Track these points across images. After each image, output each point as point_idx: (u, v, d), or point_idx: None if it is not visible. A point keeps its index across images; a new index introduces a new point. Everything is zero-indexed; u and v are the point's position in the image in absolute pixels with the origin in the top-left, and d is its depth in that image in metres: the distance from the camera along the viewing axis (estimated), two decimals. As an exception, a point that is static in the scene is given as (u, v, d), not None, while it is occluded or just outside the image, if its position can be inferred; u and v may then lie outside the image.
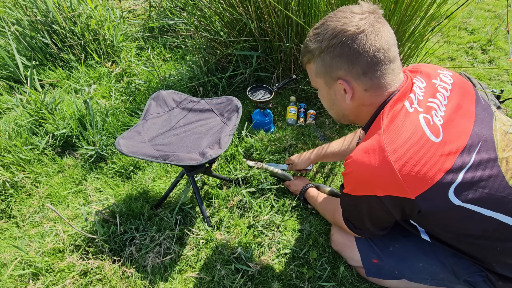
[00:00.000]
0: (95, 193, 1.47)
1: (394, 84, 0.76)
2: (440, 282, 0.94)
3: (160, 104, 1.30)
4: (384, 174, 0.69)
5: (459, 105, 0.75)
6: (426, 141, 0.69)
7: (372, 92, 0.76)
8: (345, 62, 0.73)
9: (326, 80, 0.80)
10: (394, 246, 0.97)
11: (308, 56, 0.80)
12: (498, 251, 0.76)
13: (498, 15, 2.78)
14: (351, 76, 0.75)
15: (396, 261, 0.97)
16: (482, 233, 0.74)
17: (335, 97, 0.82)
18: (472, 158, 0.69)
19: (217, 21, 1.81)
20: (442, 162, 0.68)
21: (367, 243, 1.02)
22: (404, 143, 0.69)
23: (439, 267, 0.91)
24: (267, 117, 1.65)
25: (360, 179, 0.75)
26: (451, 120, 0.72)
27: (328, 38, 0.73)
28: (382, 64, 0.73)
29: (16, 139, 1.60)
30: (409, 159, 0.68)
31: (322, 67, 0.78)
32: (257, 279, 1.11)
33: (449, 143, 0.69)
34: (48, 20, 2.12)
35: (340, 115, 0.88)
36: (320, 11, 1.46)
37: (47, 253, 1.20)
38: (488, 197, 0.69)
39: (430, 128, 0.70)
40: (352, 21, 0.71)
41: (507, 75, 2.14)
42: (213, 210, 1.33)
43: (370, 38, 0.70)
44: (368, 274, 1.05)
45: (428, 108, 0.73)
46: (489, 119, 0.76)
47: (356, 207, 0.85)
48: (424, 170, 0.67)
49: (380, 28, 0.72)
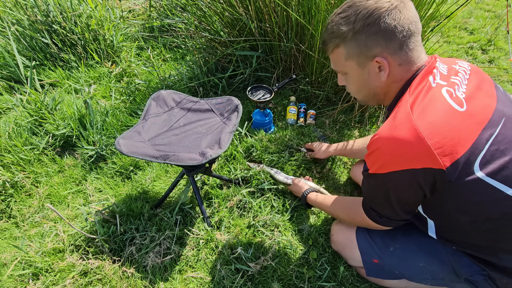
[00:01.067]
0: (95, 193, 1.47)
1: (422, 58, 0.78)
2: (441, 281, 0.94)
3: (160, 104, 1.30)
4: (413, 144, 0.68)
5: (479, 86, 0.77)
6: (451, 111, 0.69)
7: (405, 66, 0.78)
8: (381, 38, 0.74)
9: (360, 60, 0.80)
10: (394, 246, 0.97)
11: (336, 41, 0.80)
12: (510, 238, 0.74)
13: (498, 15, 2.78)
14: (388, 52, 0.76)
15: (396, 261, 0.96)
16: (502, 216, 0.72)
17: (368, 77, 0.82)
18: (497, 131, 0.69)
19: (217, 21, 1.81)
20: (469, 131, 0.68)
21: (367, 243, 1.01)
22: (430, 111, 0.69)
23: (439, 267, 0.91)
24: (267, 117, 1.65)
25: (388, 153, 0.72)
26: (474, 96, 0.73)
27: (362, 18, 0.74)
28: (415, 36, 0.75)
29: (16, 139, 1.60)
30: (437, 128, 0.67)
31: (356, 48, 0.78)
32: (257, 279, 1.11)
33: (474, 114, 0.70)
34: (48, 20, 2.12)
35: (370, 95, 0.88)
36: (320, 10, 1.46)
37: (47, 253, 1.20)
38: (510, 174, 0.69)
39: (453, 99, 0.71)
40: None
41: (507, 75, 2.14)
42: (213, 210, 1.33)
43: (403, 12, 0.73)
44: (369, 274, 1.05)
45: (452, 83, 0.74)
46: (510, 101, 0.77)
47: (383, 188, 0.79)
48: (453, 138, 0.67)
49: (408, 3, 0.74)
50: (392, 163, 0.72)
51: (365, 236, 1.02)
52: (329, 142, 1.61)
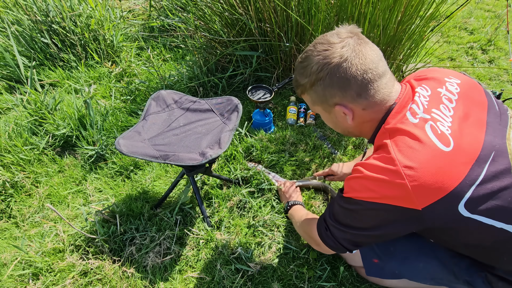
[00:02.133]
0: (95, 193, 1.47)
1: (391, 97, 0.76)
2: (440, 281, 0.94)
3: (160, 104, 1.30)
4: (395, 184, 0.66)
5: (467, 115, 0.73)
6: (435, 151, 0.66)
7: (370, 109, 0.77)
8: (337, 89, 0.75)
9: (323, 107, 0.82)
10: (394, 246, 0.98)
11: (301, 88, 0.83)
12: (504, 260, 0.75)
13: (498, 15, 2.78)
14: (346, 100, 0.76)
15: (396, 261, 0.97)
16: (493, 244, 0.71)
17: (336, 120, 0.84)
18: (485, 170, 0.66)
19: (217, 21, 1.81)
20: (456, 173, 0.65)
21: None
22: (414, 154, 0.66)
23: (439, 268, 0.91)
24: (267, 117, 1.65)
25: (368, 184, 0.71)
26: (461, 129, 0.69)
27: (315, 72, 0.75)
28: (374, 82, 0.73)
29: (16, 139, 1.60)
30: (419, 170, 0.65)
31: (316, 97, 0.80)
32: (257, 279, 1.11)
33: (461, 153, 0.66)
34: (48, 20, 2.12)
35: (346, 132, 0.90)
36: (320, 10, 1.46)
37: (47, 253, 1.20)
38: (500, 209, 0.66)
39: (438, 137, 0.67)
40: (334, 52, 0.73)
41: (507, 75, 2.14)
42: (213, 210, 1.33)
43: (355, 63, 0.72)
44: (368, 274, 1.05)
45: (434, 118, 0.70)
46: (503, 127, 0.73)
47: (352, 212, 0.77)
48: (437, 181, 0.64)
49: (362, 50, 0.73)
50: (371, 194, 0.71)
51: None
52: (330, 143, 1.61)
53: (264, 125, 1.66)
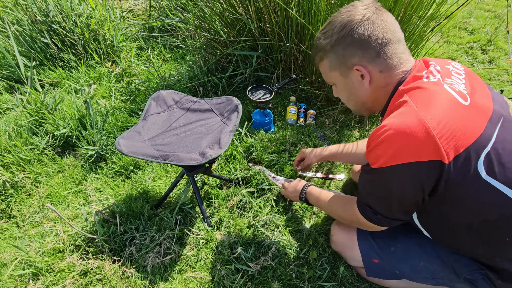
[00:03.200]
0: (95, 193, 1.47)
1: (407, 63, 0.79)
2: (440, 281, 0.94)
3: (160, 104, 1.30)
4: (420, 134, 0.66)
5: (474, 88, 0.76)
6: (456, 103, 0.69)
7: (387, 72, 0.79)
8: (357, 48, 0.77)
9: (341, 70, 0.83)
10: (395, 246, 0.97)
11: (320, 54, 0.84)
12: (506, 242, 0.74)
13: (498, 15, 2.78)
14: (365, 60, 0.78)
15: (397, 261, 0.97)
16: (499, 217, 0.71)
17: (352, 85, 0.84)
18: (497, 130, 0.69)
19: (217, 21, 1.81)
20: (475, 125, 0.67)
21: (368, 243, 1.01)
22: (433, 103, 0.68)
23: (440, 266, 0.91)
24: (267, 117, 1.65)
25: (396, 145, 0.69)
26: (473, 94, 0.73)
27: (337, 31, 0.78)
28: (392, 44, 0.77)
29: (16, 139, 1.60)
30: (442, 118, 0.66)
31: (335, 59, 0.82)
32: (257, 279, 1.11)
33: (477, 109, 0.69)
34: (48, 20, 2.12)
35: (359, 104, 0.89)
36: (320, 10, 1.46)
37: (47, 253, 1.21)
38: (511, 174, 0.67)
39: (457, 93, 0.71)
40: (357, 11, 0.77)
41: (507, 75, 2.14)
42: (213, 210, 1.33)
43: (376, 22, 0.75)
44: (369, 274, 1.05)
45: (449, 83, 0.74)
46: (505, 103, 0.78)
47: (386, 183, 0.76)
48: (459, 130, 0.66)
49: (383, 14, 0.77)
50: (399, 156, 0.69)
51: (365, 236, 1.02)
52: (330, 143, 1.61)
53: (264, 125, 1.66)
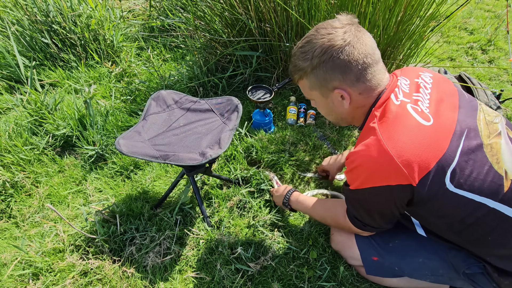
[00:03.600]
0: (95, 193, 1.47)
1: (382, 83, 0.83)
2: (440, 278, 0.94)
3: (160, 104, 1.30)
4: (384, 163, 0.72)
5: (441, 99, 0.81)
6: (418, 126, 0.73)
7: (366, 94, 0.82)
8: (338, 73, 0.79)
9: (321, 91, 0.86)
10: (394, 242, 0.98)
11: (299, 73, 0.85)
12: (489, 241, 0.78)
13: (498, 15, 2.78)
14: (346, 84, 0.81)
15: (396, 257, 0.97)
16: (476, 220, 0.75)
17: (332, 105, 0.88)
18: (461, 144, 0.73)
19: (217, 21, 1.81)
20: (437, 145, 0.72)
21: (367, 240, 1.02)
22: (397, 131, 0.73)
23: (438, 262, 0.91)
24: (267, 117, 1.65)
25: (364, 171, 0.77)
26: (437, 110, 0.77)
27: (318, 55, 0.79)
28: (372, 67, 0.79)
29: (16, 139, 1.60)
30: (405, 145, 0.71)
31: (316, 81, 0.83)
32: (257, 279, 1.11)
33: (440, 128, 0.74)
34: (48, 20, 2.12)
35: (338, 119, 0.94)
36: (320, 10, 1.46)
37: (47, 253, 1.21)
38: (479, 183, 0.72)
39: (419, 114, 0.75)
40: (337, 35, 0.77)
41: (507, 75, 2.14)
42: (213, 210, 1.33)
43: (356, 46, 0.77)
44: (368, 272, 1.05)
45: (414, 100, 0.78)
46: (473, 111, 0.81)
47: (364, 202, 0.85)
48: (422, 153, 0.71)
49: (362, 37, 0.78)
50: (370, 180, 0.78)
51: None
52: (330, 143, 1.61)
53: (264, 125, 1.66)
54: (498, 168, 0.74)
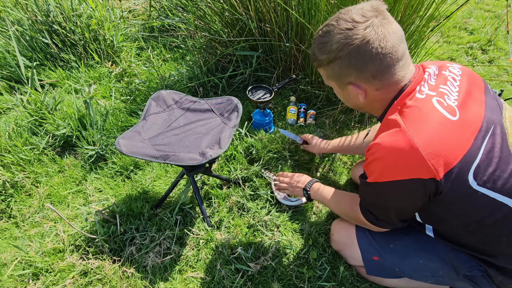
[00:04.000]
0: (95, 193, 1.47)
1: (406, 78, 0.78)
2: (441, 279, 0.94)
3: (160, 104, 1.30)
4: (409, 155, 0.69)
5: (469, 91, 0.77)
6: (444, 121, 0.70)
7: (384, 90, 0.79)
8: (353, 70, 0.76)
9: (338, 83, 0.84)
10: (395, 244, 0.98)
11: (317, 62, 0.84)
12: (503, 242, 0.76)
13: (498, 15, 2.78)
14: (361, 80, 0.78)
15: (396, 258, 0.97)
16: (494, 221, 0.73)
17: (348, 97, 0.87)
18: (486, 140, 0.71)
19: (217, 21, 1.81)
20: (462, 140, 0.69)
21: (367, 240, 1.02)
22: (423, 123, 0.70)
23: (439, 264, 0.91)
24: (267, 117, 1.65)
25: (386, 164, 0.74)
26: (464, 103, 0.74)
27: (334, 51, 0.75)
28: (391, 67, 0.75)
29: (16, 139, 1.60)
30: (432, 138, 0.68)
31: (332, 73, 0.82)
32: (257, 279, 1.11)
33: (466, 123, 0.71)
34: (48, 20, 2.12)
35: (357, 107, 0.92)
36: (320, 10, 1.46)
37: (47, 253, 1.21)
38: (502, 182, 0.70)
39: (445, 109, 0.72)
40: (357, 32, 0.72)
41: (507, 75, 2.14)
42: (213, 210, 1.33)
43: (376, 46, 0.71)
44: (369, 272, 1.05)
45: (441, 93, 0.75)
46: (499, 108, 0.78)
47: (381, 196, 0.82)
48: (447, 149, 0.68)
49: (385, 33, 0.72)
50: (391, 173, 0.74)
51: (365, 234, 1.03)
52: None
53: (264, 125, 1.66)
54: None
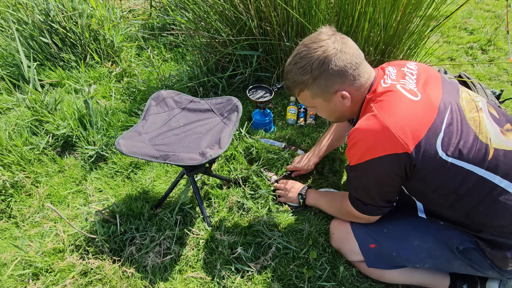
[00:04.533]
0: (95, 193, 1.47)
1: (371, 76, 0.95)
2: (438, 261, 0.96)
3: (160, 104, 1.30)
4: (382, 134, 0.81)
5: (426, 81, 0.91)
6: (408, 101, 0.84)
7: (361, 88, 0.93)
8: (337, 77, 0.90)
9: (324, 97, 0.95)
10: (388, 228, 1.02)
11: (300, 87, 0.94)
12: (480, 211, 0.83)
13: (498, 15, 2.78)
14: (345, 85, 0.91)
15: (392, 241, 1.00)
16: (467, 190, 0.82)
17: (335, 106, 0.97)
18: (447, 115, 0.83)
19: (217, 20, 1.81)
20: (426, 116, 0.81)
21: (362, 229, 1.06)
22: (390, 105, 0.84)
23: (434, 244, 0.95)
24: (267, 117, 1.65)
25: (363, 144, 0.86)
26: (424, 89, 0.88)
27: (317, 67, 0.88)
28: (361, 65, 0.91)
29: (16, 139, 1.60)
30: (399, 117, 0.81)
31: (318, 89, 0.93)
32: (257, 279, 1.11)
33: (427, 103, 0.84)
34: (48, 19, 2.12)
35: (340, 117, 1.04)
36: (321, 10, 1.46)
37: (47, 253, 1.21)
38: (467, 151, 0.80)
39: (408, 92, 0.86)
40: (329, 46, 0.88)
41: (507, 75, 2.14)
42: (213, 210, 1.33)
43: (347, 51, 0.88)
44: (369, 264, 1.06)
45: (402, 83, 0.89)
46: (456, 91, 0.92)
47: (363, 177, 0.92)
48: (413, 124, 0.80)
49: (347, 42, 0.90)
50: (369, 153, 0.85)
51: (359, 224, 1.07)
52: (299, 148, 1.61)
53: (264, 125, 1.66)
54: (482, 137, 0.82)
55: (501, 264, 0.86)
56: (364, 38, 1.52)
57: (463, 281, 1.01)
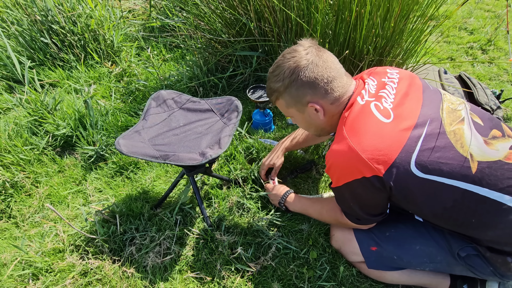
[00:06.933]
0: (95, 193, 1.47)
1: (349, 90, 0.92)
2: (439, 265, 0.96)
3: (160, 104, 1.30)
4: (351, 158, 0.81)
5: (406, 93, 0.88)
6: (378, 123, 0.82)
7: (336, 102, 0.91)
8: (307, 88, 0.89)
9: (297, 107, 0.95)
10: (390, 231, 1.02)
11: (275, 95, 0.95)
12: (473, 223, 0.82)
13: (498, 15, 2.78)
14: (317, 97, 0.90)
15: (394, 245, 1.00)
16: (454, 203, 0.81)
17: (309, 118, 0.96)
18: (424, 132, 0.81)
19: (217, 21, 1.81)
20: (398, 138, 0.80)
21: (364, 232, 1.05)
22: (360, 129, 0.82)
23: (435, 248, 0.94)
24: (267, 117, 1.65)
25: (336, 168, 0.88)
26: (401, 103, 0.85)
27: (287, 76, 0.89)
28: (336, 79, 0.89)
29: (16, 139, 1.60)
30: (368, 141, 0.80)
31: (290, 99, 0.93)
32: (257, 279, 1.11)
33: (401, 122, 0.82)
34: (48, 19, 2.12)
35: (319, 130, 1.02)
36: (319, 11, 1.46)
37: (47, 253, 1.21)
38: (445, 167, 0.78)
39: (380, 112, 0.83)
40: (301, 57, 0.88)
41: (507, 75, 2.14)
42: (213, 210, 1.33)
43: (319, 64, 0.88)
44: (369, 266, 1.05)
45: (379, 97, 0.87)
46: (437, 101, 0.89)
47: (345, 198, 0.94)
48: (383, 147, 0.79)
49: (322, 55, 0.89)
50: (342, 177, 0.87)
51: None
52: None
53: (264, 125, 1.66)
54: (463, 152, 0.80)
55: (503, 269, 0.85)
56: (363, 38, 1.52)
57: (464, 281, 1.01)
